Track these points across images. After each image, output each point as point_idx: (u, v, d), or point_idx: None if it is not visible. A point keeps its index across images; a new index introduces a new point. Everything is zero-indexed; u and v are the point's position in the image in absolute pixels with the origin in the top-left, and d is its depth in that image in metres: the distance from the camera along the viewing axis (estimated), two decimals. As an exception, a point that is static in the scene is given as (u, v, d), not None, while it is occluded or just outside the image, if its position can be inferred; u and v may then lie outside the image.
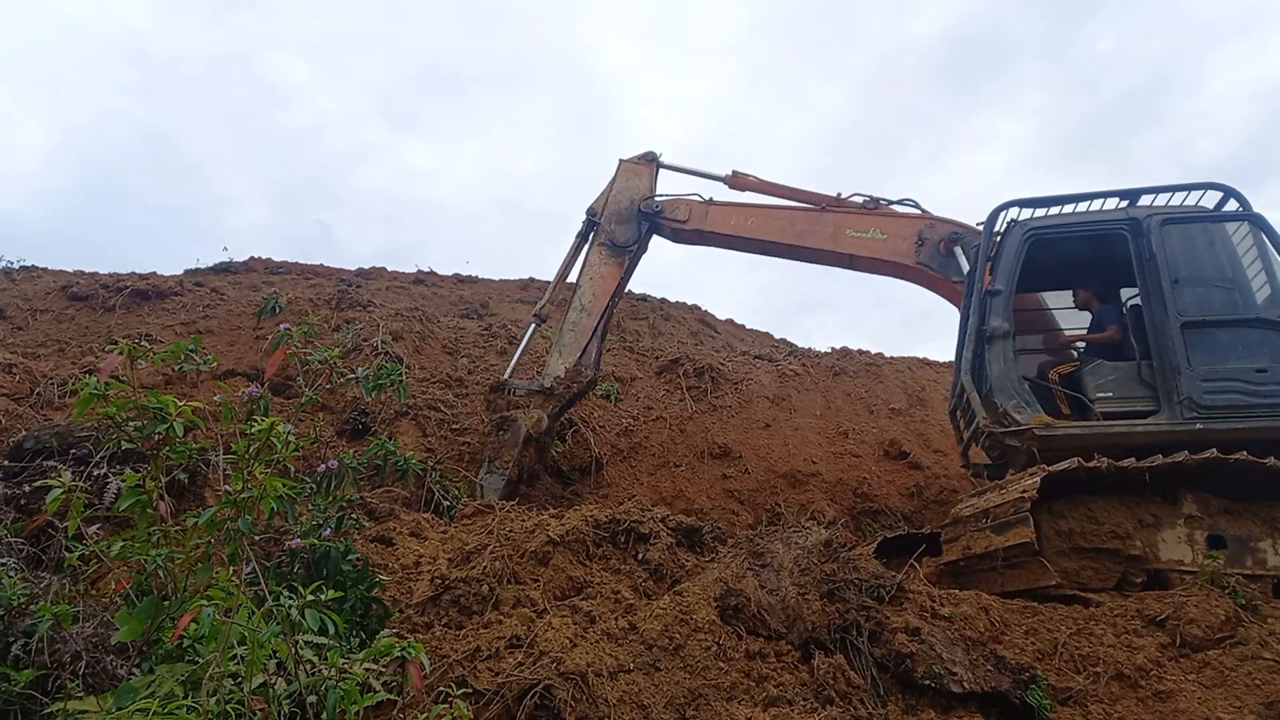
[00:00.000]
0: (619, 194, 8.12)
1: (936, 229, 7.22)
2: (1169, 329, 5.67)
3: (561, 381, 7.47)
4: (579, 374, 7.54)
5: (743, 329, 17.71)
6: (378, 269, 16.58)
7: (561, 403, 7.56)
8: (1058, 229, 6.31)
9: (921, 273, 7.26)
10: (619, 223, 8.03)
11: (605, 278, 7.89)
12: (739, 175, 8.12)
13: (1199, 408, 5.45)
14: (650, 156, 8.28)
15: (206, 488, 4.62)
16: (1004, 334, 6.03)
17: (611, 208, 8.08)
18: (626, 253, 7.98)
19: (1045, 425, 5.68)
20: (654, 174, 8.23)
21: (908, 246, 7.24)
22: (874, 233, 7.43)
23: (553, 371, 7.56)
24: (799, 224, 7.75)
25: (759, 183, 8.10)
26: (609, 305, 7.87)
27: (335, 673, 2.44)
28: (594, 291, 7.83)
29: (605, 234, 8.01)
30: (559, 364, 7.58)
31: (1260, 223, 5.91)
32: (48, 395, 7.66)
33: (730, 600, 4.00)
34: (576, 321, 7.75)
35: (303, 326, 3.72)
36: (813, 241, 7.64)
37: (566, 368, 7.53)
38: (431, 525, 5.46)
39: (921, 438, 9.84)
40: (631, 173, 8.21)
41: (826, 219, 7.65)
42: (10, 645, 2.69)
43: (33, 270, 12.78)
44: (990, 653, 3.95)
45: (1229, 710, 3.74)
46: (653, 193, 8.13)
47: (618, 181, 8.19)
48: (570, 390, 7.52)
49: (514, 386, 7.48)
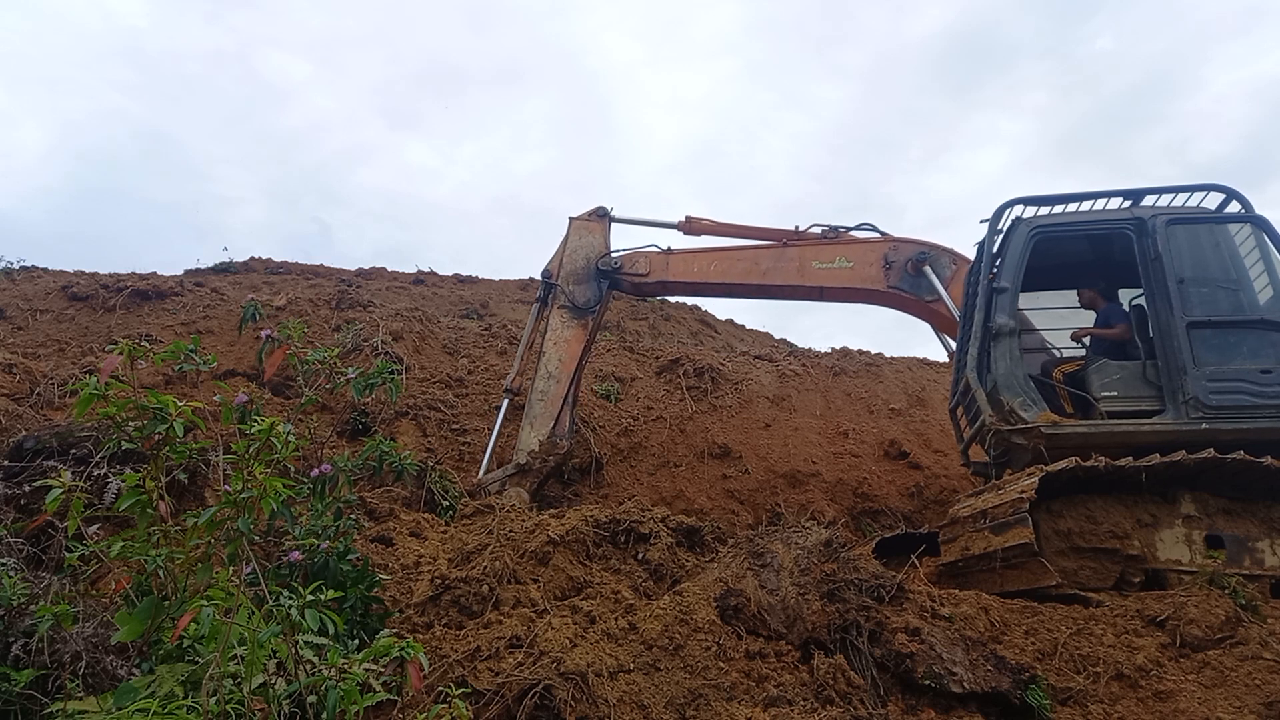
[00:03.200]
0: (574, 253, 7.86)
1: (901, 250, 7.23)
2: (1175, 329, 5.68)
3: (536, 456, 7.12)
4: (554, 445, 7.20)
5: (743, 329, 17.72)
6: (378, 269, 16.59)
7: (539, 478, 7.19)
8: (1063, 227, 6.33)
9: (894, 296, 7.28)
10: (577, 283, 7.76)
11: (570, 341, 7.59)
12: (693, 220, 7.98)
13: (1205, 408, 5.46)
14: (601, 211, 8.02)
15: (206, 488, 4.62)
16: (1010, 331, 6.04)
17: (568, 268, 7.81)
18: (588, 314, 7.71)
19: (1052, 423, 5.69)
20: (607, 229, 7.99)
21: (876, 271, 7.26)
22: (840, 261, 7.42)
23: (525, 446, 7.22)
24: (763, 262, 7.65)
25: (714, 225, 7.98)
26: (577, 369, 7.56)
27: (335, 673, 2.44)
28: (560, 357, 7.52)
29: (565, 296, 7.72)
30: (531, 437, 7.25)
31: (1263, 225, 5.93)
32: (48, 395, 7.66)
33: (730, 600, 4.01)
34: (545, 390, 7.41)
35: (284, 330, 3.71)
36: (780, 279, 7.57)
37: (540, 440, 7.20)
38: (431, 525, 5.46)
39: (921, 438, 9.84)
40: (584, 230, 7.95)
41: (790, 254, 7.58)
42: (10, 645, 2.69)
43: (33, 270, 12.78)
44: (990, 653, 3.95)
45: (1229, 710, 3.74)
46: (608, 249, 7.88)
47: (570, 240, 7.94)
48: (546, 464, 7.16)
49: (485, 485, 7.09)
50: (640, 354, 11.46)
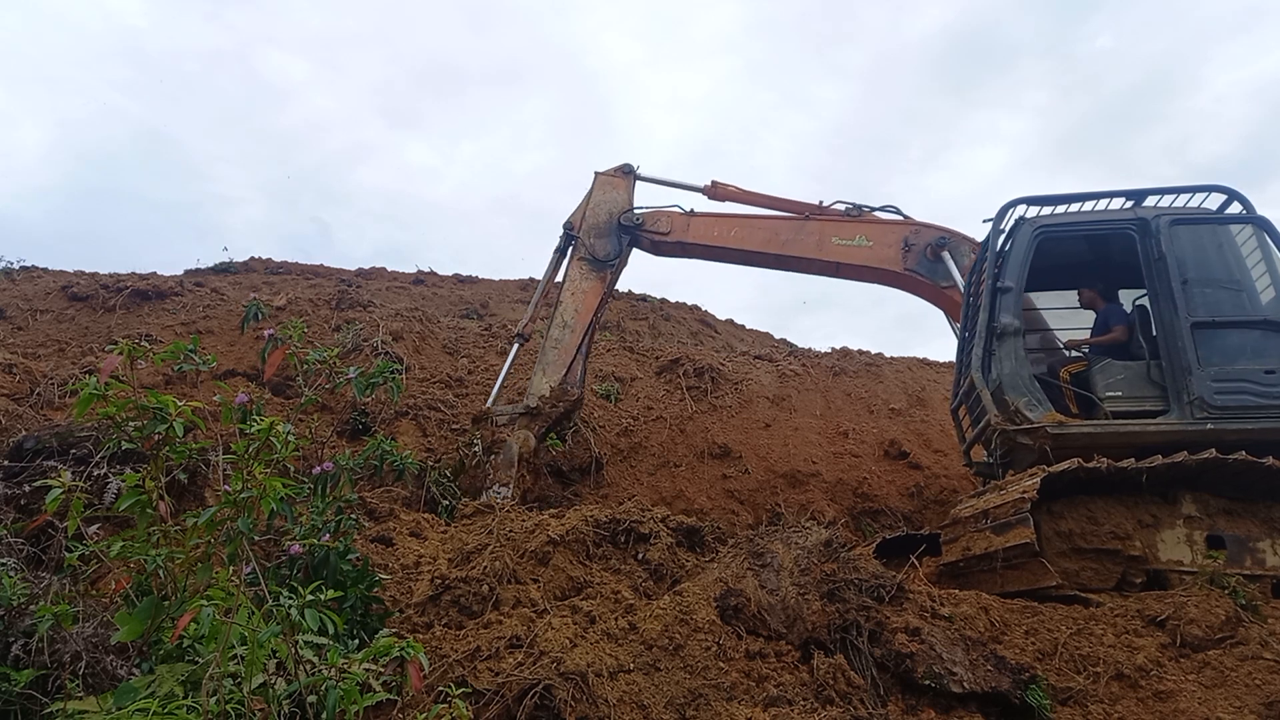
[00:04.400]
0: (596, 207, 7.98)
1: (922, 234, 7.22)
2: (1179, 329, 5.68)
3: (546, 400, 7.29)
4: (564, 393, 7.36)
5: (743, 329, 17.72)
6: (378, 269, 16.60)
7: (548, 422, 7.36)
8: (1066, 227, 6.33)
9: (909, 279, 7.26)
10: (598, 237, 7.89)
11: (588, 293, 7.73)
12: (719, 185, 8.02)
13: (1210, 408, 5.46)
14: (627, 168, 8.14)
15: (206, 488, 4.61)
16: (1014, 331, 6.04)
17: (590, 221, 7.93)
18: (608, 267, 7.84)
19: (1058, 423, 5.68)
20: (631, 186, 8.11)
21: (894, 253, 7.25)
22: (860, 240, 7.42)
23: (537, 390, 7.37)
24: (783, 233, 7.70)
25: (739, 192, 8.03)
26: (592, 321, 7.71)
27: (335, 673, 2.44)
28: (576, 308, 7.66)
29: (585, 249, 7.87)
30: (543, 382, 7.39)
31: (1265, 226, 5.93)
32: (48, 395, 7.66)
33: (730, 600, 4.00)
34: (560, 339, 7.56)
35: (285, 330, 3.71)
36: (798, 250, 7.60)
37: (551, 386, 7.35)
38: (431, 525, 5.46)
39: (921, 438, 9.84)
40: (608, 185, 8.07)
41: (811, 227, 7.62)
42: (10, 645, 2.68)
43: (33, 270, 12.78)
44: (990, 653, 3.95)
45: (1229, 710, 3.74)
46: (631, 205, 8.00)
47: (594, 194, 8.05)
48: (556, 409, 7.33)
49: (495, 415, 7.31)
50: (640, 354, 11.46)
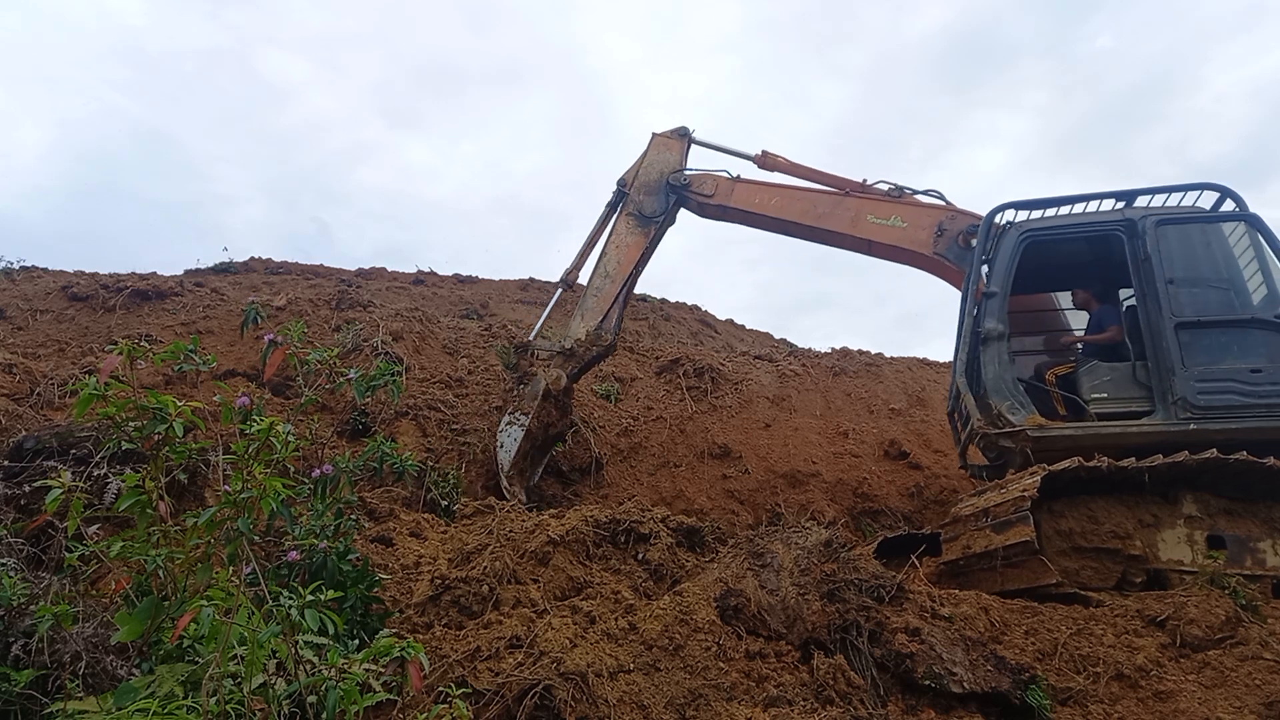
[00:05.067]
0: (649, 166, 8.29)
1: (958, 221, 7.22)
2: (1164, 329, 5.68)
3: (582, 344, 7.70)
4: (599, 337, 7.75)
5: (743, 329, 17.72)
6: (378, 269, 16.59)
7: (581, 364, 7.77)
8: (1053, 231, 6.33)
9: (937, 263, 7.27)
10: (647, 194, 8.21)
11: (631, 247, 8.08)
12: (769, 155, 8.23)
13: (1193, 408, 5.46)
14: (683, 131, 8.42)
15: (206, 488, 4.61)
16: (999, 335, 6.05)
17: (641, 179, 8.25)
18: (653, 223, 8.16)
19: (1039, 426, 5.70)
20: (685, 149, 8.38)
21: (926, 236, 7.26)
22: (895, 220, 7.47)
23: (574, 333, 7.78)
24: (821, 206, 7.82)
25: (788, 164, 8.20)
26: (633, 273, 8.06)
27: (335, 673, 2.44)
28: (619, 259, 8.03)
29: (634, 204, 8.19)
30: (580, 327, 7.81)
31: (1256, 223, 5.91)
32: (48, 395, 7.66)
33: (730, 600, 4.00)
34: (600, 287, 7.96)
35: (285, 331, 3.71)
36: (833, 224, 7.71)
37: (588, 330, 7.76)
38: (431, 525, 5.46)
39: (921, 438, 9.83)
40: (663, 146, 8.36)
41: (849, 203, 7.71)
42: (10, 645, 2.68)
43: (33, 270, 12.77)
44: (990, 653, 3.95)
45: (1229, 710, 3.74)
46: (683, 166, 8.28)
47: (649, 154, 8.35)
48: (590, 352, 7.74)
49: (537, 347, 7.78)
50: (640, 354, 11.45)
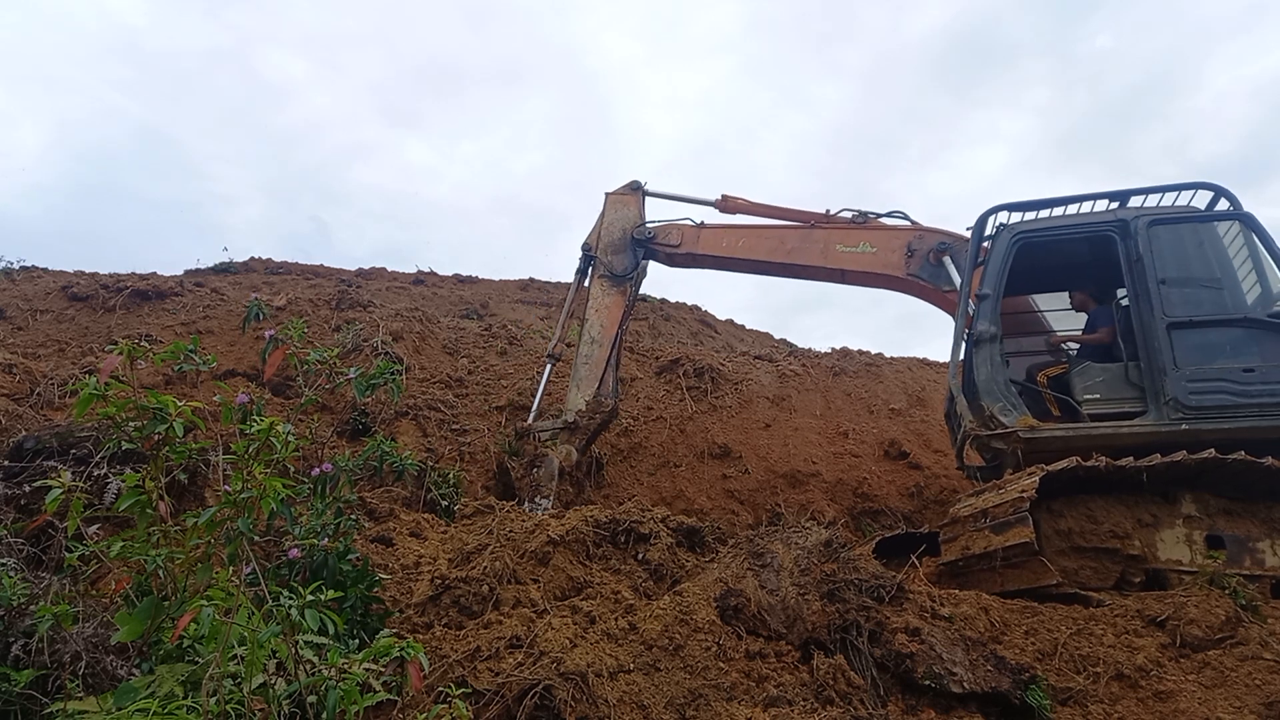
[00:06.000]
0: (610, 226, 8.26)
1: (925, 239, 7.27)
2: (1155, 330, 5.68)
3: (583, 414, 7.57)
4: (599, 405, 7.64)
5: (743, 329, 17.72)
6: (378, 269, 16.59)
7: (586, 435, 7.65)
8: (1046, 232, 6.32)
9: (912, 283, 7.30)
10: (615, 253, 8.17)
11: (611, 308, 8.02)
12: (728, 198, 8.22)
13: (1185, 408, 5.45)
14: (635, 185, 8.40)
15: (206, 488, 4.62)
16: (991, 337, 6.04)
17: (605, 240, 8.22)
18: (626, 280, 8.12)
19: (1030, 428, 5.70)
20: (641, 202, 8.36)
21: (898, 258, 7.31)
22: (864, 246, 7.51)
23: (573, 406, 7.66)
24: (789, 242, 7.85)
25: (748, 204, 8.20)
26: (618, 333, 7.99)
27: (335, 673, 2.44)
28: (602, 323, 7.95)
29: (603, 266, 8.15)
30: (578, 397, 7.69)
31: (1250, 222, 5.89)
32: (48, 395, 7.66)
33: (730, 600, 4.00)
34: (589, 354, 7.85)
35: (285, 330, 3.71)
36: (804, 259, 7.73)
37: (586, 400, 7.64)
38: (431, 525, 5.46)
39: (921, 438, 9.83)
40: (619, 203, 8.34)
41: (816, 235, 7.73)
42: (10, 645, 2.68)
43: (33, 270, 12.77)
44: (990, 653, 3.95)
45: (1229, 710, 3.74)
46: (642, 220, 8.26)
47: (607, 214, 8.33)
48: (594, 421, 7.62)
49: (538, 430, 7.62)
50: (640, 354, 11.46)
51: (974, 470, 6.84)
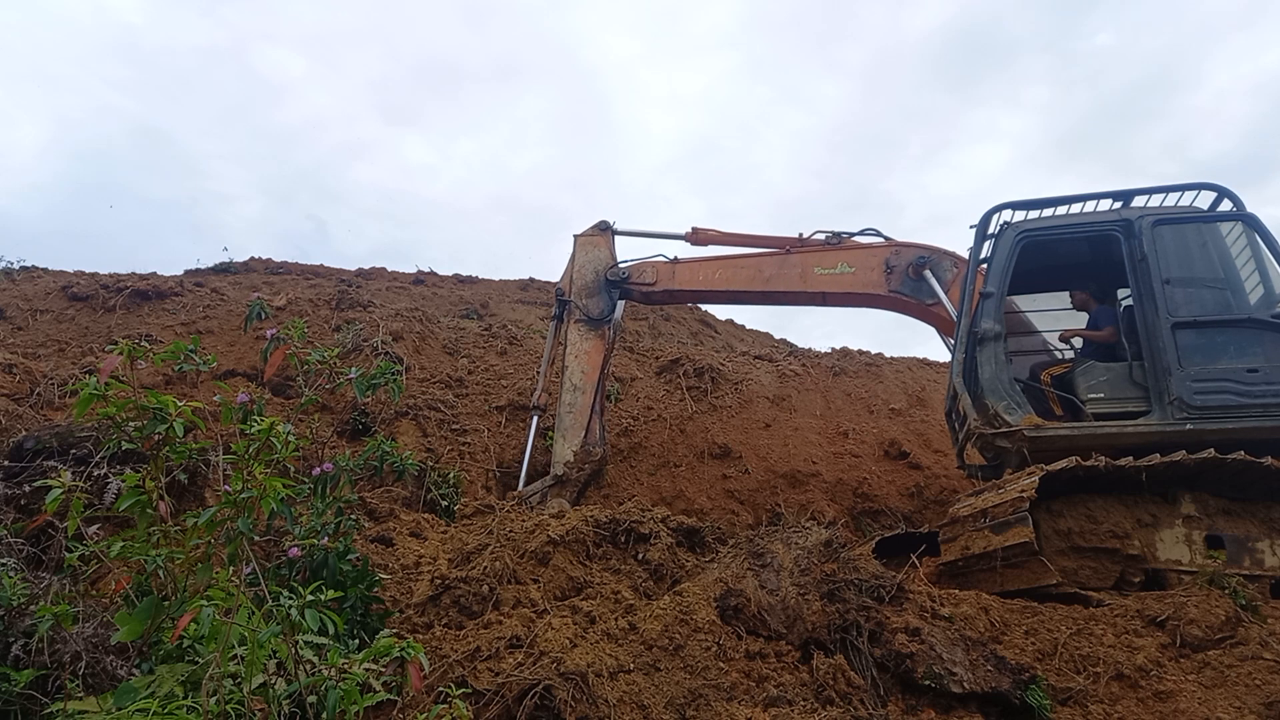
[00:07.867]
0: (582, 269, 8.07)
1: (903, 254, 7.26)
2: (1160, 329, 5.69)
3: (572, 466, 7.40)
4: (588, 454, 7.44)
5: (742, 329, 17.72)
6: (378, 269, 16.59)
7: (578, 487, 7.46)
8: (1050, 231, 6.33)
9: (894, 300, 7.31)
10: (589, 296, 7.97)
11: (590, 353, 7.80)
12: (699, 231, 8.09)
13: (1189, 408, 5.46)
14: (604, 225, 8.23)
15: (206, 488, 4.61)
16: (995, 336, 6.05)
17: (578, 284, 8.03)
18: (604, 323, 7.94)
19: (1035, 426, 5.70)
20: (611, 242, 8.19)
21: (877, 276, 7.28)
22: (842, 267, 7.46)
23: (561, 458, 7.48)
24: (767, 269, 7.75)
25: (719, 235, 8.09)
26: (600, 378, 7.78)
27: (335, 673, 2.44)
28: (583, 369, 7.73)
29: (579, 310, 7.94)
30: (565, 449, 7.50)
31: (1253, 223, 5.91)
32: (48, 395, 7.66)
33: (730, 600, 4.01)
34: (573, 402, 7.62)
35: (286, 329, 3.71)
36: (783, 285, 7.66)
37: (573, 450, 7.45)
38: (431, 525, 5.46)
39: (921, 438, 9.84)
40: (589, 245, 8.16)
41: (793, 260, 7.66)
42: (10, 645, 2.68)
43: (33, 270, 12.76)
44: (990, 653, 3.95)
45: (1229, 710, 3.74)
46: (614, 260, 8.09)
47: (577, 257, 8.15)
48: (583, 472, 7.42)
49: (526, 497, 7.30)
50: (640, 354, 11.46)
51: (975, 469, 6.85)
